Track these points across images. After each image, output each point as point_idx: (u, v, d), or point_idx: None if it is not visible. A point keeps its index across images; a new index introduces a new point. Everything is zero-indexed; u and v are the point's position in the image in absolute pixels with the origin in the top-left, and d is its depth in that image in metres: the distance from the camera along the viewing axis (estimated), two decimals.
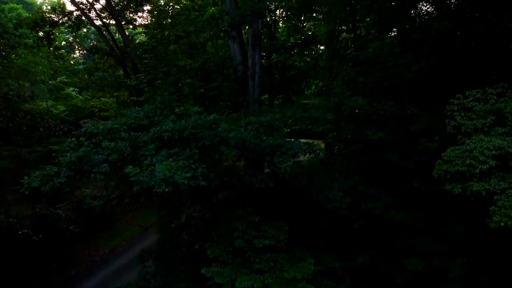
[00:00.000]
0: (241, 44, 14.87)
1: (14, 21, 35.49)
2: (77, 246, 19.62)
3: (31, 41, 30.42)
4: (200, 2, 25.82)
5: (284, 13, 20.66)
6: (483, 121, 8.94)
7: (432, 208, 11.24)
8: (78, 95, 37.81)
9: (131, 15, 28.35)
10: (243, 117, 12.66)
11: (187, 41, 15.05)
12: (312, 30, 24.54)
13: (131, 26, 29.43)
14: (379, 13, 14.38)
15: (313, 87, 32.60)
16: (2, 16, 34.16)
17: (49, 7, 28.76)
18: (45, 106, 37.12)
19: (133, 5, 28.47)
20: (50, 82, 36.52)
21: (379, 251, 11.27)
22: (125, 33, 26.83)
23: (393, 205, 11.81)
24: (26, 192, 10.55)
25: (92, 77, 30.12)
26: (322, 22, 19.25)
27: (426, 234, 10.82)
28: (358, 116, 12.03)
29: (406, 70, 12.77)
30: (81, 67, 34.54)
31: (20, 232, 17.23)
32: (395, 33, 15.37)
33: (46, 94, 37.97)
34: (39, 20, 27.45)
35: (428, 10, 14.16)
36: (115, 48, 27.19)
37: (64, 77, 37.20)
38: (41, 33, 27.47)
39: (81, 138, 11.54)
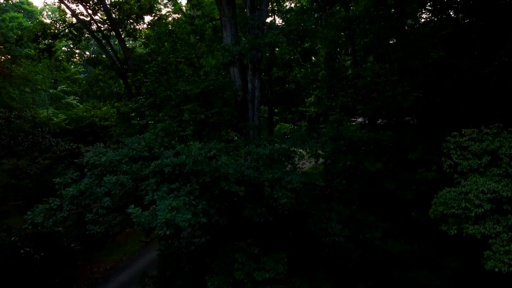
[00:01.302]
0: (241, 69, 15.03)
1: (16, 30, 35.71)
2: (78, 263, 19.82)
3: (32, 51, 30.64)
4: (200, 23, 25.99)
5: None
6: (479, 162, 9.11)
7: (429, 239, 11.41)
8: (78, 104, 37.99)
9: (131, 26, 28.47)
10: (242, 145, 12.84)
11: (187, 66, 15.22)
12: (310, 43, 24.74)
13: (131, 40, 29.59)
14: (377, 36, 14.55)
15: (313, 97, 32.86)
16: (3, 26, 34.32)
17: (49, 20, 28.79)
18: (46, 114, 37.39)
19: (133, 17, 28.67)
20: (51, 91, 36.74)
21: (377, 281, 11.44)
22: (125, 45, 26.97)
23: (391, 233, 11.98)
24: (30, 227, 10.77)
25: (93, 89, 30.31)
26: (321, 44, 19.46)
27: (423, 266, 10.99)
28: (356, 146, 12.19)
29: (403, 99, 12.94)
30: (81, 76, 34.70)
31: (22, 251, 17.42)
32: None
33: (47, 102, 38.20)
34: (40, 32, 27.60)
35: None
36: (116, 61, 27.37)
37: (64, 86, 37.42)
38: (42, 45, 27.62)
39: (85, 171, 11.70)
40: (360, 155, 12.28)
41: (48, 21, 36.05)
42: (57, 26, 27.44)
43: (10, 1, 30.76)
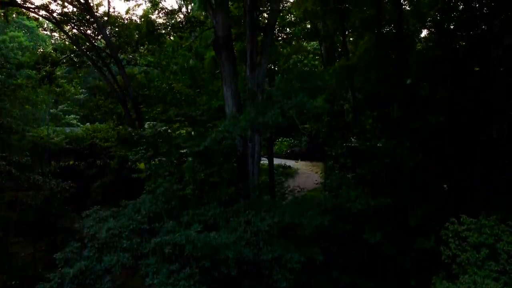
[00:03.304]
0: None
1: (16, 51, 35.70)
2: None
3: (32, 72, 30.62)
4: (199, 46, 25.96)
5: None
6: (477, 255, 9.16)
7: None
8: (79, 123, 38.05)
9: (130, 55, 28.45)
10: (242, 209, 12.89)
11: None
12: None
13: (132, 65, 29.57)
14: (377, 97, 14.61)
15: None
16: (3, 47, 34.33)
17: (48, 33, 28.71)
18: (46, 133, 37.42)
19: (133, 44, 28.64)
20: (51, 110, 36.79)
21: None
22: (125, 73, 26.91)
23: None
24: None
25: (93, 113, 30.34)
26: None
27: None
28: (354, 215, 12.24)
29: (402, 163, 12.97)
30: (82, 96, 34.74)
31: None
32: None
33: (47, 120, 38.25)
34: (40, 59, 27.63)
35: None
36: (116, 88, 27.36)
37: (65, 106, 37.47)
38: (43, 72, 27.64)
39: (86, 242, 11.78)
40: (358, 225, 12.34)
41: (46, 32, 35.82)
42: (57, 54, 27.45)
43: (10, 20, 30.44)
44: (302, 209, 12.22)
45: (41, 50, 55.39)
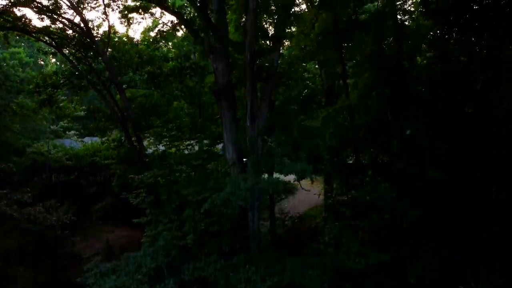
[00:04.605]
0: (240, 169, 15.10)
1: (16, 68, 35.68)
2: None
3: (32, 88, 30.58)
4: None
5: None
6: None
7: None
8: (79, 139, 38.05)
9: (130, 76, 28.42)
10: (242, 263, 12.98)
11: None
12: None
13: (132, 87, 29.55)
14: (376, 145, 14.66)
15: None
16: (3, 65, 34.29)
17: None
18: (47, 149, 37.44)
19: (134, 66, 28.63)
20: (51, 127, 36.76)
21: None
22: (126, 96, 26.88)
23: None
24: None
25: (94, 134, 30.40)
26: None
27: None
28: (353, 275, 12.32)
29: (402, 218, 13.04)
30: (82, 113, 34.80)
31: None
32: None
33: (48, 136, 38.28)
34: (40, 82, 27.67)
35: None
36: (117, 110, 27.37)
37: (64, 122, 37.50)
38: (43, 96, 27.67)
39: None
40: (359, 279, 12.41)
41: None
42: (58, 78, 27.47)
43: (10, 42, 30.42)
44: (303, 266, 12.31)
45: (41, 61, 55.36)
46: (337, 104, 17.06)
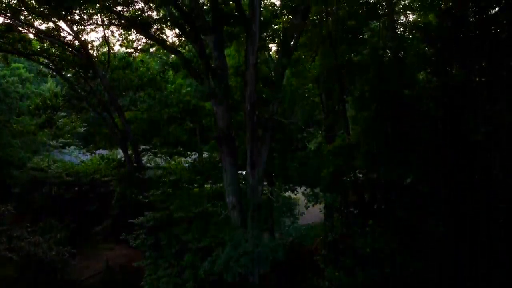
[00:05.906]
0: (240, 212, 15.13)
1: (16, 84, 35.63)
2: None
3: (32, 108, 30.55)
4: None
5: None
6: None
7: None
8: (80, 155, 38.00)
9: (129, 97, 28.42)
10: None
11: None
12: None
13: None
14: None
15: None
16: (3, 82, 34.23)
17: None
18: (46, 164, 37.41)
19: (134, 88, 28.62)
20: (51, 143, 36.69)
21: None
22: (125, 118, 26.85)
23: None
24: None
25: (93, 155, 30.43)
26: None
27: None
28: None
29: (402, 270, 13.01)
30: (82, 130, 34.80)
31: None
32: None
33: (48, 150, 38.26)
34: (40, 104, 27.65)
35: None
36: (116, 131, 27.36)
37: (64, 139, 37.44)
38: (43, 118, 27.66)
39: None
40: None
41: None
42: (57, 100, 27.45)
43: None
44: None
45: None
46: (336, 141, 16.97)
